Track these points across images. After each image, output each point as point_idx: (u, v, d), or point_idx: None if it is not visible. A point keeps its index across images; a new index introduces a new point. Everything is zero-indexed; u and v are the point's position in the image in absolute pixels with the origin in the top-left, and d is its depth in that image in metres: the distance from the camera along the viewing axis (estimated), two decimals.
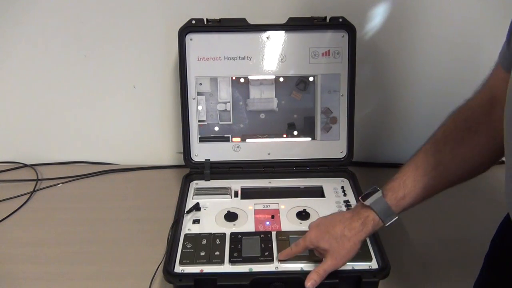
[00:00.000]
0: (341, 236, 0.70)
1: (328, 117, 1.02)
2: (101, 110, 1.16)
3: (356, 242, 0.70)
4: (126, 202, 1.05)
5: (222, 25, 0.96)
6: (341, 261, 0.71)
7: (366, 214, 0.69)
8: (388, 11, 1.05)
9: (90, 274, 0.84)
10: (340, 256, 0.70)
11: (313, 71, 1.00)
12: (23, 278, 0.83)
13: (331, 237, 0.70)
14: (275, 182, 1.01)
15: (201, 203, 0.92)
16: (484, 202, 1.02)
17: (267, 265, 0.77)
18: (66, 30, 1.07)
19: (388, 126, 1.19)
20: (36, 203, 1.05)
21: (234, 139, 1.02)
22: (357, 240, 0.69)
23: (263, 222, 0.88)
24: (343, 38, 0.98)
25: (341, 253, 0.70)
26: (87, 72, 1.11)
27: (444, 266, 0.85)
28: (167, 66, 1.10)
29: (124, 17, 1.06)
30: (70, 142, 1.20)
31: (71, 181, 1.13)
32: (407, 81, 1.13)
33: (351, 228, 0.70)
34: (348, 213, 0.73)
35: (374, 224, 0.69)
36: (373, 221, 0.69)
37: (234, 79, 1.00)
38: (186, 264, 0.77)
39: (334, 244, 0.70)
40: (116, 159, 1.21)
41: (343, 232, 0.70)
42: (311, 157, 1.03)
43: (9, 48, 1.09)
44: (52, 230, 0.95)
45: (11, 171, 1.16)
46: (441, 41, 1.08)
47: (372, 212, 0.69)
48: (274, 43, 0.98)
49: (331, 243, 0.70)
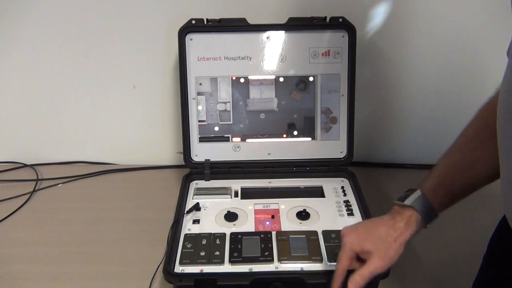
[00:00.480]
0: (386, 236, 0.66)
1: (328, 117, 1.02)
2: (101, 110, 1.16)
3: (402, 242, 0.66)
4: (126, 202, 1.05)
5: (222, 25, 0.96)
6: (388, 262, 0.65)
7: (409, 214, 0.67)
8: (388, 11, 1.05)
9: (90, 274, 0.84)
10: (388, 256, 0.65)
11: (313, 71, 1.00)
12: (23, 278, 0.83)
13: (375, 238, 0.66)
14: (275, 182, 1.01)
15: (201, 203, 0.92)
16: (483, 203, 1.02)
17: (267, 265, 0.77)
18: (66, 30, 1.07)
19: (388, 126, 1.20)
20: (36, 203, 1.05)
21: (234, 139, 1.02)
22: (403, 240, 0.66)
23: (263, 222, 0.88)
24: (343, 38, 0.98)
25: (388, 254, 0.65)
26: (87, 72, 1.11)
27: (444, 266, 0.85)
28: (167, 66, 1.10)
29: (124, 17, 1.06)
30: (70, 142, 1.20)
31: (71, 181, 1.13)
32: (407, 81, 1.13)
33: (396, 229, 0.66)
34: (387, 216, 0.69)
35: (417, 223, 0.66)
36: (416, 219, 0.66)
37: (234, 79, 1.00)
38: (186, 264, 0.77)
39: (380, 244, 0.65)
40: (116, 159, 1.21)
41: (388, 232, 0.66)
42: (311, 157, 1.03)
43: (9, 48, 1.09)
44: (52, 230, 0.95)
45: (11, 171, 1.16)
46: (441, 42, 1.08)
47: (414, 211, 0.67)
48: (274, 43, 0.98)
49: (376, 243, 0.66)
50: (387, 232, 0.66)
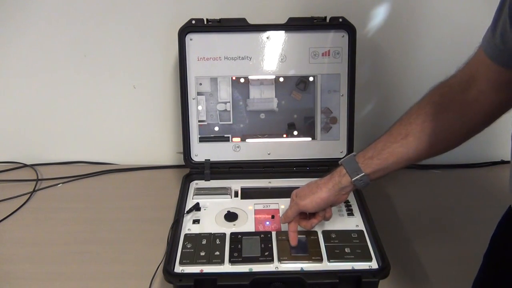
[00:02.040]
0: (313, 183, 0.79)
1: (328, 117, 1.02)
2: (101, 110, 1.16)
3: (324, 190, 0.76)
4: (126, 202, 1.05)
5: (222, 25, 0.96)
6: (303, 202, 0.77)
7: (336, 169, 0.77)
8: (388, 11, 1.05)
9: (90, 274, 0.84)
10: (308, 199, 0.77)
11: (313, 71, 1.00)
12: (23, 278, 0.83)
13: (306, 185, 0.80)
14: (275, 182, 1.01)
15: (201, 203, 0.92)
16: (483, 201, 1.03)
17: (267, 265, 0.77)
18: (66, 30, 1.07)
19: (388, 126, 1.19)
20: (36, 203, 1.05)
21: (234, 139, 1.02)
22: (325, 187, 0.76)
23: (263, 222, 0.88)
24: (343, 38, 0.98)
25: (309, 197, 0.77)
26: (87, 72, 1.11)
27: (444, 266, 0.85)
28: (167, 66, 1.10)
29: (124, 17, 1.06)
30: (70, 142, 1.20)
31: (71, 181, 1.13)
32: (407, 81, 1.13)
33: (322, 179, 0.78)
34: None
35: (340, 175, 0.75)
36: (339, 173, 0.76)
37: (234, 79, 1.00)
38: (186, 264, 0.77)
39: (305, 188, 0.79)
40: (116, 159, 1.21)
41: (316, 181, 0.79)
42: (311, 157, 1.03)
43: (9, 48, 1.09)
44: (52, 230, 0.95)
45: (11, 171, 1.16)
46: (441, 41, 1.08)
47: (341, 167, 0.76)
48: (274, 43, 0.98)
49: (303, 188, 0.80)
50: (316, 182, 0.79)
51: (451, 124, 0.66)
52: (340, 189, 0.76)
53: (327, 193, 0.76)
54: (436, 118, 0.67)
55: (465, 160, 1.17)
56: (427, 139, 0.68)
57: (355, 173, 0.74)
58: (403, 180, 1.07)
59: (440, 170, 1.16)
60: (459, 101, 0.65)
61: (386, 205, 1.03)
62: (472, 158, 1.18)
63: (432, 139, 0.68)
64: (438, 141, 0.68)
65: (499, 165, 1.17)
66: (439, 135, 0.67)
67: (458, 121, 0.65)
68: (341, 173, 0.75)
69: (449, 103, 0.66)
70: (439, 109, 0.67)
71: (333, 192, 0.76)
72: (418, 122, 0.69)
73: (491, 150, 1.18)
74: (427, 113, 0.68)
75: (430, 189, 1.10)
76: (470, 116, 0.64)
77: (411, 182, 1.10)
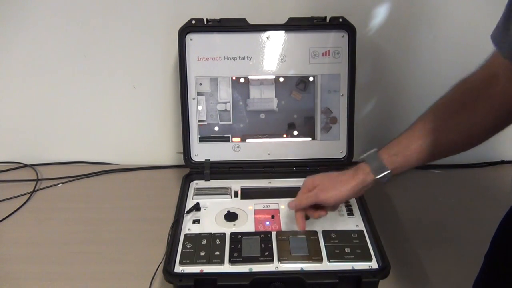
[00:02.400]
0: (335, 177, 0.77)
1: (328, 117, 1.02)
2: (101, 110, 1.16)
3: (348, 187, 0.75)
4: (126, 202, 1.05)
5: (222, 25, 0.96)
6: (329, 196, 0.75)
7: (359, 166, 0.76)
8: (388, 11, 1.05)
9: (90, 274, 0.84)
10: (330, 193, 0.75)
11: (313, 71, 1.00)
12: (23, 278, 0.83)
13: (325, 176, 0.78)
14: (275, 182, 1.01)
15: (201, 203, 0.92)
16: (484, 201, 1.03)
17: (267, 265, 0.77)
18: (66, 30, 1.07)
19: (388, 126, 1.19)
20: (36, 203, 1.05)
21: (234, 139, 1.02)
22: (349, 185, 0.75)
23: (263, 222, 0.88)
24: (343, 38, 0.98)
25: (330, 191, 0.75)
26: (87, 72, 1.11)
27: (444, 266, 0.85)
28: (167, 66, 1.10)
29: (124, 17, 1.06)
30: (70, 142, 1.20)
31: (71, 181, 1.13)
32: (407, 81, 1.13)
33: (344, 174, 0.77)
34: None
35: (365, 173, 0.74)
36: (363, 170, 0.74)
37: (234, 79, 1.00)
38: (186, 264, 0.77)
39: (326, 181, 0.77)
40: (116, 159, 1.21)
41: (338, 176, 0.77)
42: (311, 157, 1.03)
43: (9, 48, 1.09)
44: (52, 230, 0.95)
45: (11, 171, 1.16)
46: (442, 41, 1.08)
47: (365, 164, 0.75)
48: (274, 43, 0.98)
49: (323, 179, 0.78)
50: (337, 176, 0.77)
51: (475, 121, 0.66)
52: (363, 187, 0.75)
53: (351, 191, 0.75)
54: (460, 116, 0.67)
55: (465, 160, 1.17)
56: (452, 137, 0.68)
57: (379, 170, 0.73)
58: (403, 180, 1.06)
59: (440, 170, 1.16)
60: (483, 99, 0.64)
61: (386, 205, 1.03)
62: (472, 158, 1.18)
63: (457, 137, 0.68)
64: (462, 138, 0.68)
65: (499, 165, 1.18)
66: (463, 133, 0.67)
67: (482, 118, 0.65)
68: (365, 171, 0.74)
69: (473, 101, 0.66)
70: (462, 107, 0.67)
71: (356, 189, 0.75)
72: (443, 118, 0.69)
73: (491, 150, 1.18)
74: (451, 110, 0.68)
75: (430, 189, 1.10)
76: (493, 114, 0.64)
77: (411, 182, 1.10)
